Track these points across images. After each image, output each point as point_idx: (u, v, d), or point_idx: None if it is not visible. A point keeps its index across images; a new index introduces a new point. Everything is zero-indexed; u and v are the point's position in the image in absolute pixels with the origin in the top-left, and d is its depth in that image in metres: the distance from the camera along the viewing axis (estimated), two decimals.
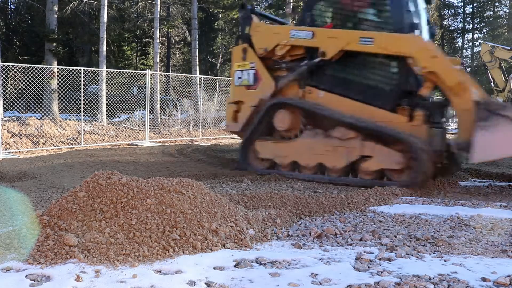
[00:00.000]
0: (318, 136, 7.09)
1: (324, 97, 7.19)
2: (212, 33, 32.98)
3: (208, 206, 3.77)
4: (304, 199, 4.96)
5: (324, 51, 7.04)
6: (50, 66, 14.35)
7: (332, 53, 7.00)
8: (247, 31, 7.97)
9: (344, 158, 6.81)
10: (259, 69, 7.77)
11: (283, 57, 7.60)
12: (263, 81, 7.72)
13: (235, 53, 8.16)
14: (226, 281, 2.84)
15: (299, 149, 7.21)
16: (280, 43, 7.50)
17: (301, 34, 7.29)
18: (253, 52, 7.83)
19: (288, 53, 7.53)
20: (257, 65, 7.80)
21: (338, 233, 4.02)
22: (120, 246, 3.17)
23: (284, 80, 7.53)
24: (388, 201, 5.45)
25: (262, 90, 7.71)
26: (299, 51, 7.45)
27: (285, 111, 7.38)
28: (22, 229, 3.33)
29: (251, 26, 7.91)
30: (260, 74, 7.76)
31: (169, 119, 17.12)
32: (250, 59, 7.88)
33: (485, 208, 5.13)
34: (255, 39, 7.83)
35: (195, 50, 19.79)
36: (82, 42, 23.85)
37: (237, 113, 8.04)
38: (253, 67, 7.85)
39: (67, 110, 15.50)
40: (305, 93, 7.37)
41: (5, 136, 10.92)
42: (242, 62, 7.99)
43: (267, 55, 7.69)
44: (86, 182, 3.67)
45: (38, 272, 2.85)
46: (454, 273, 3.02)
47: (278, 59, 7.65)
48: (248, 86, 7.92)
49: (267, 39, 7.67)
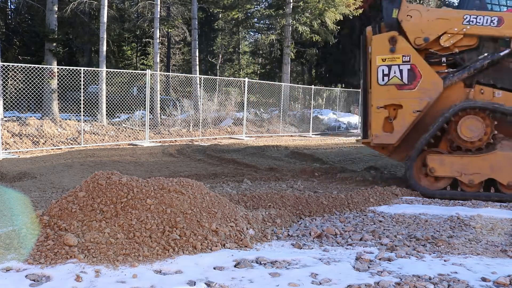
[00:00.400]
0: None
1: (503, 97, 6.07)
2: (212, 33, 32.97)
3: (208, 206, 3.78)
4: (304, 199, 4.96)
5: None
6: (50, 66, 14.35)
7: None
8: (394, 15, 6.39)
9: None
10: (417, 63, 6.23)
11: (448, 49, 6.31)
12: (425, 79, 6.20)
13: (377, 43, 6.41)
14: (226, 281, 2.84)
15: (498, 163, 5.83)
16: (448, 31, 6.20)
17: (481, 21, 6.06)
18: (406, 42, 6.29)
19: (456, 44, 6.27)
20: (413, 58, 6.24)
21: (338, 233, 4.02)
22: (120, 246, 3.17)
23: (454, 77, 6.21)
24: (388, 201, 5.45)
25: (424, 91, 6.19)
26: (471, 41, 6.23)
27: (476, 117, 5.99)
28: (22, 229, 3.33)
29: (401, 8, 6.36)
30: (420, 70, 6.22)
31: (169, 119, 17.11)
32: (402, 51, 6.28)
33: (485, 208, 5.13)
34: (409, 26, 6.31)
35: (195, 50, 19.78)
36: (82, 42, 23.85)
37: (391, 121, 6.34)
38: (407, 61, 6.27)
39: (67, 110, 15.50)
40: (475, 93, 6.17)
41: (5, 136, 10.92)
42: (389, 54, 6.31)
43: (426, 47, 6.33)
44: (86, 182, 3.67)
45: (38, 272, 2.85)
46: (454, 273, 3.03)
47: (438, 51, 6.35)
48: (400, 86, 6.29)
49: (429, 26, 6.25)
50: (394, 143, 6.32)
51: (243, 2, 24.18)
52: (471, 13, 6.15)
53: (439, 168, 6.02)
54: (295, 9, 21.71)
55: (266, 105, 21.23)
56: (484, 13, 6.15)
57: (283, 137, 17.32)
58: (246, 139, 15.50)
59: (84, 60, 24.63)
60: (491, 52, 6.15)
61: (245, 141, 14.74)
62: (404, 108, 6.23)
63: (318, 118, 21.78)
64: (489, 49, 6.19)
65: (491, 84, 6.19)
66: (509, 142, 5.96)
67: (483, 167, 5.87)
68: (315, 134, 19.40)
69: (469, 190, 5.93)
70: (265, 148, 12.01)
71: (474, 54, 6.25)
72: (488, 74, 6.19)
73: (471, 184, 5.92)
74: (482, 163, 5.88)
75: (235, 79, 20.16)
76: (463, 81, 6.25)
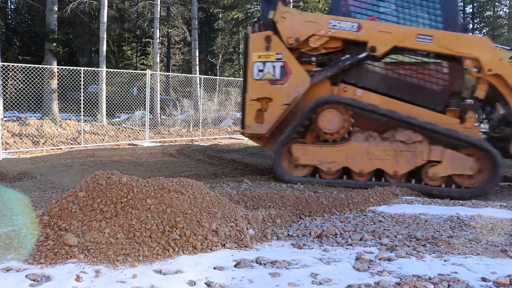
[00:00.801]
0: (375, 139, 6.57)
1: (362, 95, 6.71)
2: (212, 33, 32.97)
3: (208, 206, 3.78)
4: (304, 199, 4.96)
5: (375, 47, 6.59)
6: (50, 66, 14.35)
7: (383, 49, 6.60)
8: (271, 16, 6.97)
9: (408, 163, 6.36)
10: (288, 61, 6.85)
11: (316, 50, 6.90)
12: (294, 76, 6.84)
13: (254, 41, 7.02)
14: (226, 281, 2.84)
15: (352, 153, 6.55)
16: (316, 33, 6.78)
17: (344, 26, 6.69)
18: (279, 41, 6.88)
19: (323, 45, 6.86)
20: (285, 56, 6.86)
21: (338, 233, 4.02)
22: (120, 246, 3.17)
23: (320, 75, 6.82)
24: (388, 201, 5.45)
25: (293, 86, 6.83)
26: (337, 44, 6.85)
27: (335, 110, 6.65)
28: (22, 229, 3.33)
29: (277, 10, 6.92)
30: (290, 67, 6.85)
31: (169, 119, 17.11)
32: (276, 49, 6.88)
33: (485, 208, 5.13)
34: (283, 27, 6.89)
35: (195, 50, 19.78)
36: (82, 42, 23.84)
37: (263, 113, 6.96)
38: (280, 58, 6.87)
39: (67, 110, 15.50)
40: (339, 90, 6.80)
41: (5, 136, 10.92)
42: (264, 52, 6.93)
43: (297, 46, 6.91)
44: (86, 182, 3.67)
45: (38, 272, 2.85)
46: (454, 273, 3.03)
47: (308, 51, 6.92)
48: (273, 81, 6.91)
49: (299, 28, 6.83)
50: (265, 133, 6.96)
51: (243, 2, 24.20)
52: (336, 18, 6.80)
53: (302, 157, 6.73)
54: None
55: None
56: (346, 19, 6.78)
57: None
58: (246, 139, 15.48)
59: (84, 60, 24.63)
60: (353, 54, 6.77)
61: (245, 141, 14.73)
62: (274, 101, 6.87)
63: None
64: (352, 51, 6.79)
65: (353, 83, 6.84)
66: (363, 134, 6.64)
67: (339, 157, 6.59)
68: None
69: (328, 177, 6.67)
70: (265, 148, 12.00)
71: (339, 55, 6.87)
72: (350, 74, 6.85)
73: (329, 171, 6.66)
74: (338, 153, 6.60)
75: (235, 79, 20.16)
76: (329, 79, 6.89)
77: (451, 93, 6.64)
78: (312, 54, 6.92)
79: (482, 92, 6.45)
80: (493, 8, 46.08)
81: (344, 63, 6.76)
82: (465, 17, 46.18)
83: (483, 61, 6.28)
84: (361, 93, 6.73)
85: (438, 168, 6.27)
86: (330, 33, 6.74)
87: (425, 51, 6.63)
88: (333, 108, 6.65)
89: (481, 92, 6.45)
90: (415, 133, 6.35)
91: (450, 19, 6.84)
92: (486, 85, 6.42)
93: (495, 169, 6.05)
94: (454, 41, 6.41)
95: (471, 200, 5.79)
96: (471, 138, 6.20)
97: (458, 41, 6.42)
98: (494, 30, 44.73)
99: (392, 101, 6.63)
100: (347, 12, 6.99)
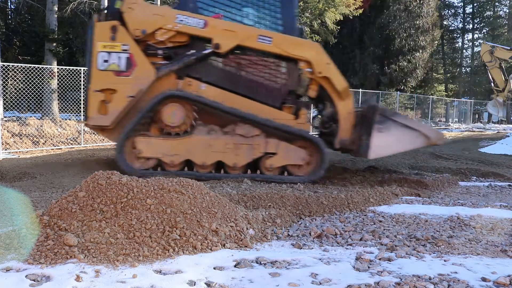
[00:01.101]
0: (216, 133, 6.83)
1: (206, 90, 6.90)
2: None
3: (208, 206, 3.78)
4: (304, 199, 4.96)
5: (219, 44, 6.80)
6: (50, 66, 14.35)
7: (227, 47, 6.84)
8: (118, 6, 6.86)
9: (247, 155, 6.78)
10: (134, 53, 6.74)
11: (163, 43, 6.89)
12: (139, 68, 6.75)
13: (100, 31, 6.78)
14: (226, 281, 2.84)
15: (194, 146, 6.74)
16: (163, 27, 6.78)
17: (190, 21, 6.79)
18: (126, 32, 6.75)
19: (170, 39, 6.88)
20: (131, 48, 6.74)
21: (338, 233, 4.02)
22: (120, 246, 3.17)
23: (165, 69, 6.84)
24: (388, 201, 5.45)
25: (138, 78, 6.74)
26: (183, 38, 6.90)
27: (178, 104, 6.75)
28: (22, 229, 3.33)
29: (125, 0, 6.84)
30: (136, 59, 6.74)
31: None
32: (122, 40, 6.73)
33: (485, 208, 5.13)
34: (130, 18, 6.78)
35: None
36: (82, 42, 23.82)
37: (106, 104, 6.77)
38: (126, 50, 6.73)
39: (67, 110, 15.49)
40: (184, 84, 6.90)
41: (5, 136, 10.92)
42: (110, 42, 6.74)
43: (144, 38, 6.84)
44: (86, 182, 3.67)
45: (38, 272, 2.85)
46: (454, 273, 3.03)
47: (155, 44, 6.88)
48: (118, 72, 6.74)
49: (146, 20, 6.79)
50: (109, 125, 6.80)
51: None
52: (183, 13, 6.82)
53: (146, 150, 6.73)
54: None
55: None
56: (193, 15, 6.86)
57: None
58: None
59: (84, 60, 24.59)
60: (198, 49, 6.90)
61: None
62: (119, 93, 6.73)
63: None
64: (197, 47, 6.92)
65: (198, 77, 6.98)
66: (205, 128, 6.84)
67: (182, 149, 6.71)
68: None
69: (172, 170, 6.72)
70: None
71: (185, 50, 6.93)
72: (196, 69, 6.98)
73: (172, 164, 6.73)
74: (181, 146, 6.72)
75: None
76: (175, 73, 6.93)
77: (287, 91, 7.18)
78: (158, 47, 6.90)
79: (313, 92, 7.16)
80: (493, 8, 46.03)
81: (189, 58, 6.86)
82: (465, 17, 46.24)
83: (314, 63, 6.91)
84: (205, 88, 6.91)
85: (273, 159, 6.81)
86: (177, 27, 6.79)
87: (265, 52, 7.01)
88: (176, 102, 6.75)
89: (313, 92, 7.16)
90: (253, 128, 6.76)
91: (288, 24, 7.30)
92: (317, 86, 7.09)
93: (322, 160, 6.83)
94: (290, 44, 6.92)
95: (471, 200, 5.79)
96: (302, 132, 6.89)
97: (294, 44, 6.95)
98: (494, 30, 44.69)
99: (235, 97, 6.94)
100: (194, 9, 7.05)
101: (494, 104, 29.87)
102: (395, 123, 6.92)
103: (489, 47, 29.00)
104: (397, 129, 6.91)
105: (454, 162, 10.30)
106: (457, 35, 48.32)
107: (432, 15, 30.79)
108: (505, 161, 10.54)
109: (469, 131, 26.23)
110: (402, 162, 9.75)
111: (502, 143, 15.36)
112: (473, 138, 19.69)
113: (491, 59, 28.54)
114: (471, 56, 47.11)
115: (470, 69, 46.55)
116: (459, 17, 47.75)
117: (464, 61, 47.65)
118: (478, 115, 39.18)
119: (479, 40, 44.24)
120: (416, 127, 7.22)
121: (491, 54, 28.48)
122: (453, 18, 48.10)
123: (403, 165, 9.33)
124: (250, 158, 6.80)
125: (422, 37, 29.73)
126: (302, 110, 7.15)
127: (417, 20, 29.39)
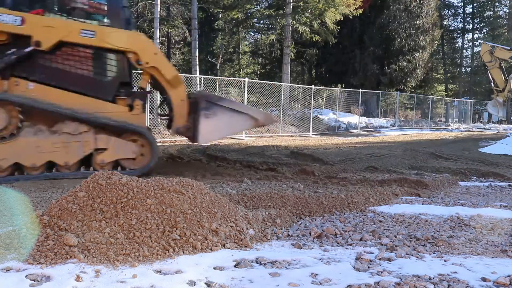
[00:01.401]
0: (44, 133, 6.63)
1: (35, 89, 6.65)
2: (212, 33, 32.94)
3: (208, 206, 3.78)
4: (304, 199, 4.96)
5: (39, 41, 6.54)
6: None
7: (48, 43, 6.60)
8: None
9: (77, 153, 6.73)
10: None
11: None
12: None
13: None
14: (226, 281, 2.84)
15: (21, 149, 6.51)
16: None
17: (6, 19, 6.44)
18: None
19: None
20: None
21: (338, 233, 4.02)
22: (120, 246, 3.17)
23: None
24: (388, 201, 5.45)
25: None
26: (2, 37, 6.57)
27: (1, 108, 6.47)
28: (22, 229, 3.33)
29: None
30: None
31: None
32: None
33: (485, 208, 5.13)
34: None
35: (195, 50, 19.77)
36: None
37: None
38: None
39: None
40: (10, 85, 6.58)
41: None
42: None
43: None
44: (86, 182, 3.67)
45: (38, 272, 2.85)
46: (454, 273, 3.03)
47: None
48: None
49: None
50: None
51: (243, 2, 24.19)
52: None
53: None
54: (295, 9, 21.71)
55: (266, 105, 21.21)
56: (9, 12, 6.48)
57: (283, 137, 17.32)
58: (246, 139, 15.50)
59: None
60: (19, 48, 6.58)
61: (245, 141, 14.75)
62: None
63: (318, 118, 21.80)
64: (18, 45, 6.59)
65: (25, 77, 6.69)
66: (32, 129, 6.62)
67: (9, 153, 6.47)
68: (315, 134, 19.41)
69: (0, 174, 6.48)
70: (265, 148, 12.01)
71: (5, 49, 6.60)
72: (21, 68, 6.68)
73: (0, 169, 6.46)
74: (8, 149, 6.47)
75: (235, 79, 20.17)
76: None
77: (119, 83, 7.16)
78: None
79: (144, 82, 7.43)
80: (493, 8, 46.03)
81: (10, 57, 6.58)
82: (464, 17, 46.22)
83: (140, 54, 6.90)
84: (33, 87, 6.68)
85: (104, 154, 6.82)
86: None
87: (90, 46, 6.85)
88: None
89: (144, 82, 7.43)
90: (81, 124, 6.69)
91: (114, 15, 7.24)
92: (148, 76, 7.23)
93: (153, 153, 6.99)
94: (114, 37, 6.85)
95: (471, 200, 5.79)
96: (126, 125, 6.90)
97: (118, 36, 6.89)
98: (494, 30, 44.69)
99: (65, 94, 6.77)
100: (12, 5, 6.71)
101: (494, 104, 29.91)
102: (222, 108, 7.14)
103: (489, 47, 29.04)
104: (224, 114, 7.16)
105: (454, 162, 10.30)
106: (457, 35, 48.36)
107: (432, 15, 30.79)
108: (505, 161, 10.54)
109: (469, 131, 26.24)
110: (402, 162, 9.76)
111: (502, 143, 15.38)
112: (473, 138, 19.70)
113: (491, 59, 28.58)
114: (471, 56, 47.15)
115: (470, 69, 46.58)
116: (459, 17, 47.79)
117: (464, 61, 47.67)
118: (478, 115, 39.22)
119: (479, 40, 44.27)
120: (244, 110, 7.47)
121: (491, 54, 28.52)
122: (453, 18, 48.14)
123: (403, 165, 9.33)
124: (81, 156, 6.75)
125: (422, 37, 29.73)
126: (135, 101, 7.13)
127: (417, 20, 29.39)
